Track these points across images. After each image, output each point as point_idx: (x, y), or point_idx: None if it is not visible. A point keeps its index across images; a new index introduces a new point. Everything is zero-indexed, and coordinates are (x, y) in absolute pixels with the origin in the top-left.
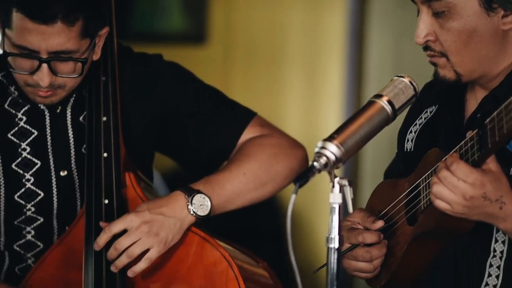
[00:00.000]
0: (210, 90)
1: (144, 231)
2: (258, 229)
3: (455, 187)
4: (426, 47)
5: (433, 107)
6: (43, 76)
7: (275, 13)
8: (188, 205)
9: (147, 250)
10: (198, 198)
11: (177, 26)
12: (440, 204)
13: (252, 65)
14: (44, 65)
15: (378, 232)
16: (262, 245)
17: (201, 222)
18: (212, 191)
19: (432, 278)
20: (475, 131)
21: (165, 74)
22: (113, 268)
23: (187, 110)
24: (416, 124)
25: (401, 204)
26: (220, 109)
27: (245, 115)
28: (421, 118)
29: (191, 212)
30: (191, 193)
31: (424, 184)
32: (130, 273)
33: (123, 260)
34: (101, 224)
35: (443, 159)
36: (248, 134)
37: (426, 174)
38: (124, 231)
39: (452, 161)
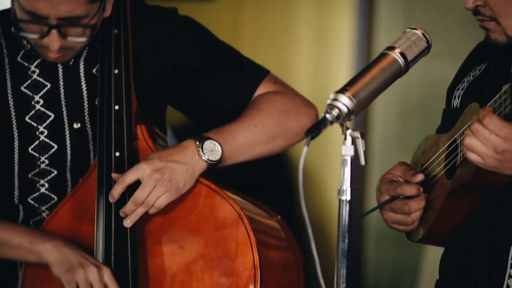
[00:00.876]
0: (224, 46)
1: (157, 178)
2: (266, 183)
3: (487, 140)
4: (476, 12)
5: (482, 65)
6: (53, 41)
7: None
8: (199, 150)
9: None
10: (208, 143)
11: None
12: (472, 156)
13: (262, 20)
14: (54, 31)
15: (418, 185)
16: (270, 199)
17: (212, 169)
18: (223, 139)
19: (466, 232)
20: (508, 85)
21: (179, 28)
22: (127, 222)
23: (201, 65)
24: (464, 82)
25: (441, 158)
26: (234, 65)
27: (259, 72)
28: (469, 76)
29: (202, 158)
30: (201, 139)
31: (461, 138)
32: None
33: (139, 211)
34: (113, 175)
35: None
36: (261, 90)
37: (464, 128)
38: (137, 182)
39: (484, 115)
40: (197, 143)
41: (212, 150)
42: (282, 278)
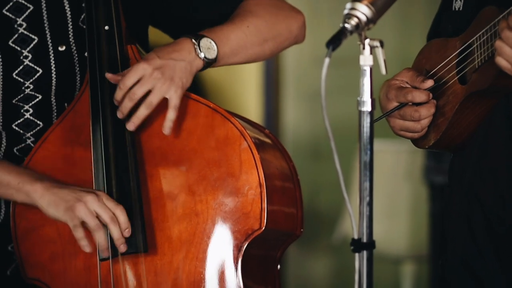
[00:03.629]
0: None
1: (158, 77)
2: None
3: None
4: None
5: None
6: None
7: None
8: (195, 48)
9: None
10: (205, 41)
11: None
12: (500, 61)
13: None
14: None
15: (427, 91)
16: None
17: (207, 67)
18: (217, 38)
19: (485, 136)
20: None
21: None
22: (130, 125)
23: None
24: None
25: (452, 64)
26: None
27: None
28: None
29: (199, 55)
30: (197, 37)
31: (478, 42)
32: (166, 129)
33: (142, 112)
34: (108, 75)
35: (500, 17)
36: None
37: (481, 32)
38: None
39: None
40: (193, 40)
41: (208, 48)
42: (283, 195)
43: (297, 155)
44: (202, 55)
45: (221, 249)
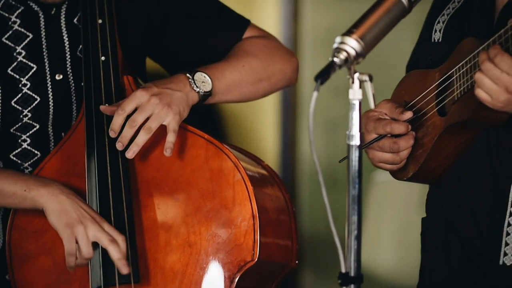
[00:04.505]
0: None
1: (156, 102)
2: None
3: (498, 79)
4: None
5: None
6: None
7: None
8: (190, 81)
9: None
10: (199, 75)
11: None
12: (480, 93)
13: None
14: None
15: (406, 123)
16: None
17: (202, 101)
18: (212, 74)
19: (463, 169)
20: None
21: None
22: (129, 153)
23: (183, 14)
24: (444, 14)
25: (431, 95)
26: (217, 15)
27: (241, 22)
28: (448, 8)
29: (194, 88)
30: (192, 71)
31: (458, 73)
32: (167, 151)
33: (141, 138)
34: (102, 107)
35: (480, 48)
36: (245, 36)
37: (461, 63)
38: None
39: (496, 53)
40: (188, 74)
41: (203, 81)
42: (277, 227)
43: (314, 183)
44: (196, 88)
45: (214, 281)
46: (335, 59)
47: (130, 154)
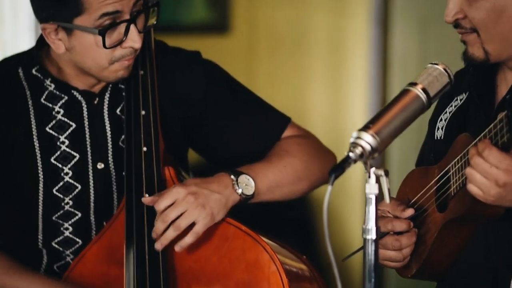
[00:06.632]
0: (247, 92)
1: (190, 201)
2: (284, 216)
3: (487, 173)
4: (456, 25)
5: (463, 94)
6: (136, 36)
7: (299, 2)
8: (234, 184)
9: (192, 225)
10: (243, 178)
11: (201, 17)
12: (472, 188)
13: (276, 54)
14: (132, 26)
15: (408, 220)
16: (287, 233)
17: (243, 203)
18: (256, 175)
19: (465, 265)
20: (504, 113)
21: (203, 73)
22: (158, 246)
23: (225, 110)
24: (446, 112)
25: (431, 191)
26: (258, 112)
27: (282, 120)
28: (451, 106)
29: (237, 191)
30: (236, 173)
31: (454, 169)
32: (178, 247)
33: (170, 234)
34: (143, 200)
35: (472, 143)
36: (285, 135)
37: (456, 159)
38: None
39: (484, 147)
40: (232, 176)
41: (246, 184)
42: None
43: None
44: (239, 190)
45: None
46: (351, 154)
47: (158, 246)
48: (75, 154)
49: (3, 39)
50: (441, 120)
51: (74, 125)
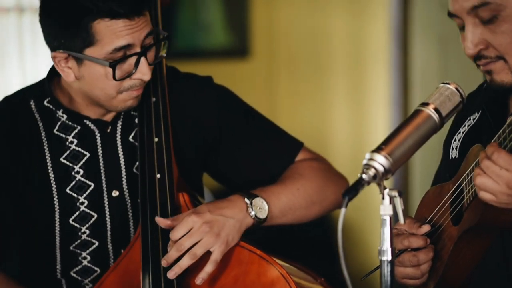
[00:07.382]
0: (260, 118)
1: (205, 231)
2: (305, 237)
3: (498, 176)
4: (479, 57)
5: (476, 114)
6: (146, 69)
7: (318, 23)
8: (248, 207)
9: (207, 253)
10: (257, 201)
11: (220, 42)
12: (484, 195)
13: (296, 77)
14: (143, 58)
15: (425, 236)
16: (310, 254)
17: (256, 226)
18: (269, 198)
19: (482, 278)
20: None
21: (215, 98)
22: (171, 274)
23: (238, 135)
24: (460, 132)
25: (446, 206)
26: (271, 137)
27: (295, 145)
28: (464, 126)
29: (250, 214)
30: (250, 196)
31: (466, 180)
32: (199, 280)
33: (185, 262)
34: (157, 219)
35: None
36: (298, 158)
37: (468, 169)
38: None
39: (492, 151)
40: (246, 200)
41: (260, 208)
42: None
43: None
44: (253, 213)
45: None
46: (364, 176)
47: (171, 274)
48: (90, 183)
49: (24, 70)
50: (455, 140)
51: (88, 154)
